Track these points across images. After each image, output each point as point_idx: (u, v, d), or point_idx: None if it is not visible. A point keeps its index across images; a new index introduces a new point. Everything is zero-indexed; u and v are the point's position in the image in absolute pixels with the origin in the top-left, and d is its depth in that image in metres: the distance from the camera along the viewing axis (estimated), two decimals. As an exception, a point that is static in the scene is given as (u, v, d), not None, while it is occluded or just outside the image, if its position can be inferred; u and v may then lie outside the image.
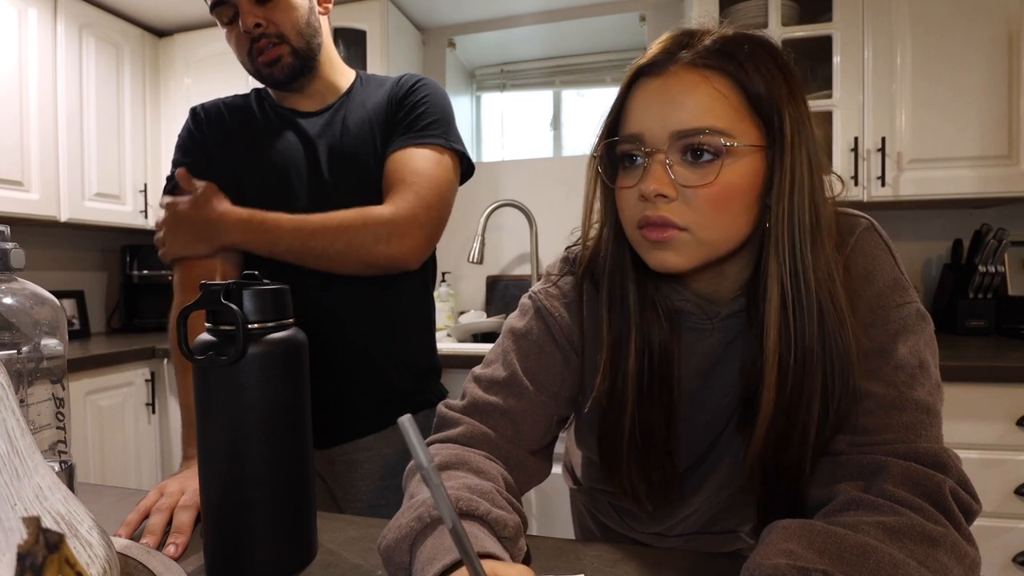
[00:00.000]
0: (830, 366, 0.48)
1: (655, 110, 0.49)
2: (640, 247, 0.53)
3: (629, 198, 0.52)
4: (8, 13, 1.76)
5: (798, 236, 0.48)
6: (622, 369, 0.56)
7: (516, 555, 0.46)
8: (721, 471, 0.60)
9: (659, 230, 0.49)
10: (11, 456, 0.36)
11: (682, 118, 0.48)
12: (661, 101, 0.49)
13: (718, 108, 0.48)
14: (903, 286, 0.51)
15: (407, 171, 0.84)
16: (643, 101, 0.50)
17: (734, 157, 0.48)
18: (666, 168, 0.49)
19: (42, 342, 0.55)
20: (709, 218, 0.49)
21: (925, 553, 0.38)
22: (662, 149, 0.49)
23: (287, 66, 0.86)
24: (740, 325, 0.56)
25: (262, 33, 0.83)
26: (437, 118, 0.89)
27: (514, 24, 2.28)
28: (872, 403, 0.48)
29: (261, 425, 0.48)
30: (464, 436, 0.57)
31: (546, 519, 1.61)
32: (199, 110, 0.95)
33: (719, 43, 0.49)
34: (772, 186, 0.49)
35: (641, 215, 0.50)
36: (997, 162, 1.55)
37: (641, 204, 0.50)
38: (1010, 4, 1.51)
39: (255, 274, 0.53)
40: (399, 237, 0.81)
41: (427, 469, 0.33)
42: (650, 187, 0.48)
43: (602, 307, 0.57)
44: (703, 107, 0.48)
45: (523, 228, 2.18)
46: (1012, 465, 1.26)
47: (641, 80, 0.51)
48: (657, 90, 0.50)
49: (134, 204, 2.18)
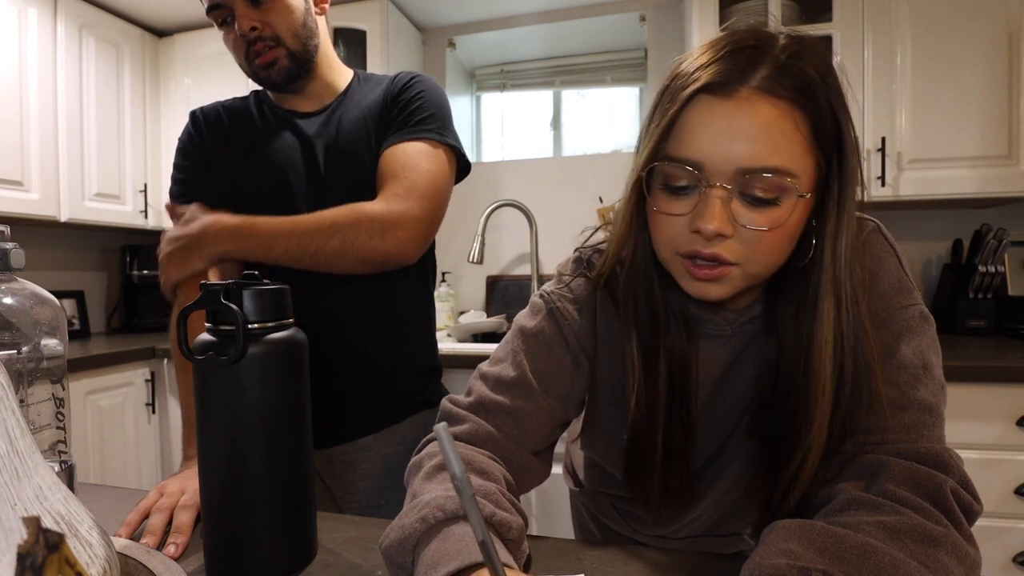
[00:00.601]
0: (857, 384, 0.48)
1: (721, 139, 0.44)
2: (680, 275, 0.50)
3: (674, 225, 0.48)
4: (8, 13, 1.76)
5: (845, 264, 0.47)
6: (653, 382, 0.55)
7: (519, 557, 0.46)
8: (728, 475, 0.60)
9: (708, 268, 0.47)
10: (11, 456, 0.36)
11: (751, 153, 0.44)
12: (729, 130, 0.44)
13: (788, 146, 0.44)
14: (907, 288, 0.51)
15: (399, 165, 0.83)
16: (706, 125, 0.45)
17: (794, 199, 0.45)
18: (726, 204, 0.45)
19: (42, 342, 0.55)
20: (762, 256, 0.47)
21: (926, 553, 0.38)
22: (723, 185, 0.45)
23: (284, 68, 0.86)
24: (755, 331, 0.55)
25: (258, 36, 0.83)
26: (432, 113, 0.88)
27: (514, 24, 2.28)
28: (875, 403, 0.48)
29: (261, 425, 0.48)
30: (469, 434, 0.56)
31: (546, 519, 1.61)
32: (198, 114, 0.95)
33: (794, 64, 0.44)
34: (828, 219, 0.47)
35: (690, 248, 0.47)
36: (997, 162, 1.55)
37: (689, 236, 0.47)
38: (1010, 4, 1.51)
39: (255, 274, 0.53)
40: (393, 232, 0.80)
41: (460, 479, 0.32)
42: (710, 226, 0.45)
43: (627, 319, 0.56)
44: (773, 144, 0.44)
45: (523, 228, 2.18)
46: (1012, 465, 1.26)
47: (704, 98, 0.45)
48: (724, 116, 0.44)
49: (134, 204, 2.18)
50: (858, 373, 0.48)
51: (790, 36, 0.47)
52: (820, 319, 0.48)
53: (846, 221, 0.47)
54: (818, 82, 0.45)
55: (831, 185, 0.47)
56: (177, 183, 0.92)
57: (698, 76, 0.45)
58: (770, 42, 0.46)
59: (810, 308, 0.49)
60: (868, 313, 0.49)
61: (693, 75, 0.46)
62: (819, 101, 0.45)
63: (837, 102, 0.46)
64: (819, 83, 0.45)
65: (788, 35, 0.47)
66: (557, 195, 2.20)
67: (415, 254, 0.84)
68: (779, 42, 0.46)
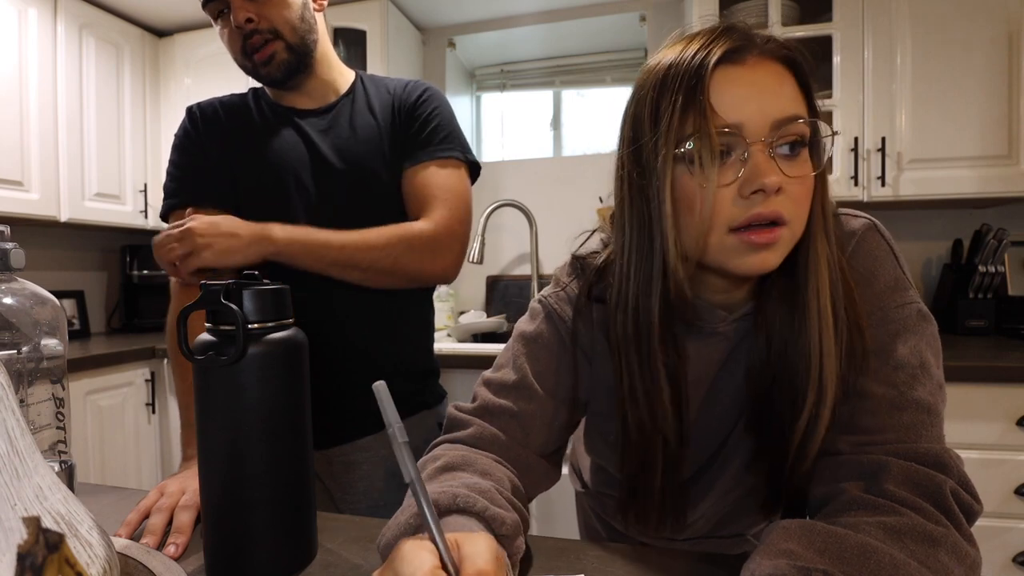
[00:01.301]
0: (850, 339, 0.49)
1: (751, 99, 0.46)
2: (732, 252, 0.48)
3: (724, 199, 0.47)
4: (8, 13, 1.76)
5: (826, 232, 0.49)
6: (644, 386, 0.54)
7: (514, 553, 0.46)
8: (728, 475, 0.60)
9: (767, 231, 0.46)
10: (11, 456, 0.36)
11: (781, 105, 0.46)
12: (755, 89, 0.46)
13: (799, 97, 0.48)
14: (904, 286, 0.51)
15: (436, 187, 0.87)
16: (733, 89, 0.46)
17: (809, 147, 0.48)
18: (772, 159, 0.46)
19: (42, 342, 0.55)
20: (803, 209, 0.48)
21: (926, 553, 0.38)
22: (765, 140, 0.46)
23: (282, 63, 0.86)
24: (745, 328, 0.55)
25: (254, 29, 0.83)
26: (451, 131, 0.91)
27: (514, 24, 2.28)
28: (873, 403, 0.48)
29: (261, 425, 0.48)
30: (472, 437, 0.56)
31: (546, 519, 1.61)
32: (195, 109, 0.95)
33: (773, 39, 0.48)
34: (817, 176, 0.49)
35: (749, 214, 0.46)
36: (997, 162, 1.55)
37: (743, 203, 0.46)
38: (1010, 4, 1.51)
39: (255, 274, 0.53)
40: (442, 254, 0.85)
41: (393, 427, 0.36)
42: (771, 179, 0.45)
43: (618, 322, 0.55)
44: (792, 95, 0.47)
45: (523, 228, 2.18)
46: (1012, 465, 1.26)
47: (721, 69, 0.47)
48: (747, 79, 0.46)
49: (134, 204, 2.18)
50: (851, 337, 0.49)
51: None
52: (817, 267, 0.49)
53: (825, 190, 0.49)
54: (795, 52, 0.48)
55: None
56: (173, 180, 0.91)
57: (709, 52, 0.47)
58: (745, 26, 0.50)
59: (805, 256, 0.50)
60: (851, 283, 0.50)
61: (702, 54, 0.47)
62: (802, 69, 0.48)
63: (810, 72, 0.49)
64: (797, 52, 0.48)
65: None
66: (557, 195, 2.20)
67: (456, 274, 0.90)
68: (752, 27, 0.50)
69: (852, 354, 0.49)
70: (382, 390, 0.36)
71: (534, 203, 2.14)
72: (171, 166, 0.92)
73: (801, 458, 0.50)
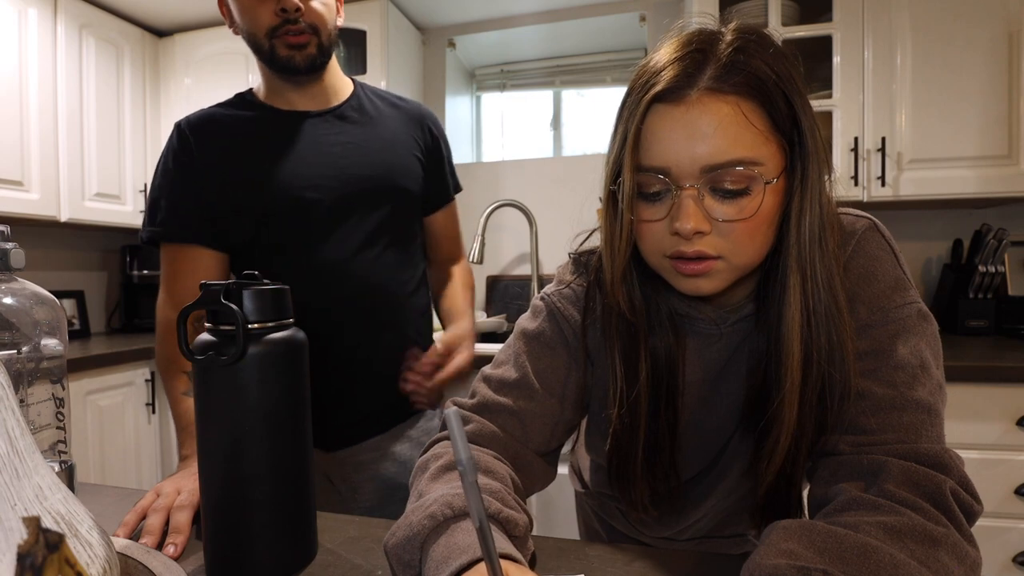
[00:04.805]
0: (831, 365, 0.48)
1: (681, 143, 0.46)
2: (669, 275, 0.51)
3: (655, 231, 0.50)
4: (8, 13, 1.76)
5: (811, 241, 0.48)
6: (633, 385, 0.55)
7: (525, 555, 0.46)
8: (730, 477, 0.60)
9: (695, 263, 0.48)
10: (11, 456, 0.36)
11: (711, 151, 0.45)
12: (686, 133, 0.46)
13: (746, 136, 0.46)
14: (904, 286, 0.51)
15: (456, 224, 1.11)
16: (665, 132, 0.47)
17: (762, 186, 0.47)
18: (698, 203, 0.47)
19: (42, 342, 0.55)
20: (744, 246, 0.48)
21: (926, 553, 0.38)
22: (693, 184, 0.47)
23: (310, 56, 0.86)
24: (747, 329, 0.55)
25: (298, 19, 0.84)
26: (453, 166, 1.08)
27: (514, 24, 2.28)
28: (872, 403, 0.48)
29: (261, 425, 0.48)
30: (473, 434, 0.57)
31: (547, 519, 1.60)
32: (185, 127, 0.89)
33: (738, 60, 0.46)
34: (792, 199, 0.49)
35: (674, 249, 0.49)
36: (997, 162, 1.54)
37: (672, 238, 0.49)
38: (1010, 4, 1.51)
39: (255, 274, 0.53)
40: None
41: (465, 464, 0.33)
42: (687, 225, 0.46)
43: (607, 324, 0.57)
44: (731, 137, 0.45)
45: (523, 228, 2.18)
46: (1012, 465, 1.26)
47: (658, 107, 0.47)
48: (680, 120, 0.46)
49: (134, 204, 2.18)
50: (831, 353, 0.48)
51: (736, 31, 0.49)
52: (787, 298, 0.49)
53: (810, 199, 0.48)
54: (765, 71, 0.46)
55: (795, 165, 0.49)
56: (161, 210, 0.85)
57: (650, 86, 0.47)
58: (713, 42, 0.48)
59: (779, 288, 0.50)
60: (847, 305, 0.49)
61: (646, 85, 0.48)
62: (769, 89, 0.46)
63: (789, 87, 0.47)
64: (766, 72, 0.46)
65: (734, 30, 0.49)
66: (557, 195, 2.20)
67: None
68: (723, 40, 0.48)
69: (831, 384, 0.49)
70: (453, 419, 0.33)
71: (534, 203, 2.14)
72: (157, 193, 0.87)
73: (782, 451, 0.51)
